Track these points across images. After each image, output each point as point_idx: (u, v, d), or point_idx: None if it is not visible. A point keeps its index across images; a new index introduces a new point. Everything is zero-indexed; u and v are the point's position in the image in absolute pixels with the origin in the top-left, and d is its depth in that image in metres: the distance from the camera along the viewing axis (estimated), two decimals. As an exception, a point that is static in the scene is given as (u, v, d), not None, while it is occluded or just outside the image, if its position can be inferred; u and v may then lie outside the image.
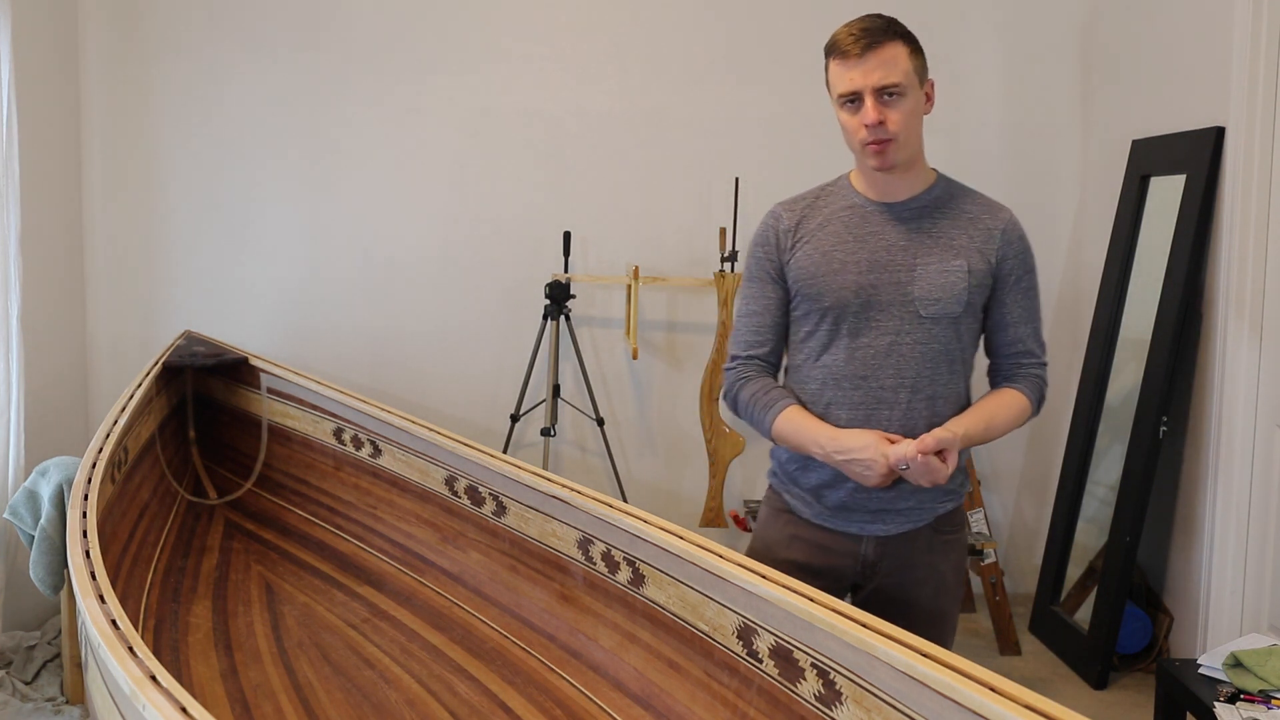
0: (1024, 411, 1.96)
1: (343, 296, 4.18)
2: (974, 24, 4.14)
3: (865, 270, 1.89)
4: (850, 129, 1.89)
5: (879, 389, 1.89)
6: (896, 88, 1.85)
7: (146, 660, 1.62)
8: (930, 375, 1.90)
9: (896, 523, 1.94)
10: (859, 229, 1.92)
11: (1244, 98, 3.12)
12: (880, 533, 1.94)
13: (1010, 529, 4.30)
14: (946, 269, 1.88)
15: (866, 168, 1.94)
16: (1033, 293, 1.99)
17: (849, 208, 1.95)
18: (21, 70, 3.50)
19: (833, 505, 1.95)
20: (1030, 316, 1.98)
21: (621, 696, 2.18)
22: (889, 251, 1.90)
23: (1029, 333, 1.98)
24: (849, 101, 1.87)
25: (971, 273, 1.90)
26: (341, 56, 4.10)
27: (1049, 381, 2.02)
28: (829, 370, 1.92)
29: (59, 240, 3.93)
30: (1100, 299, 3.87)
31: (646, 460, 4.24)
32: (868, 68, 1.84)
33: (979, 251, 1.91)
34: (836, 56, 1.88)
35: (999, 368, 2.02)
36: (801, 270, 1.93)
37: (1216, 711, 2.36)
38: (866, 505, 1.93)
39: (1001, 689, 1.40)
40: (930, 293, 1.88)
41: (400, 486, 3.00)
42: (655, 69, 4.13)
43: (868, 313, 1.89)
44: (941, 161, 4.25)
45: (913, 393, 1.89)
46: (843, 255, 1.91)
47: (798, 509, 2.00)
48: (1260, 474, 3.14)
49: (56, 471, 3.13)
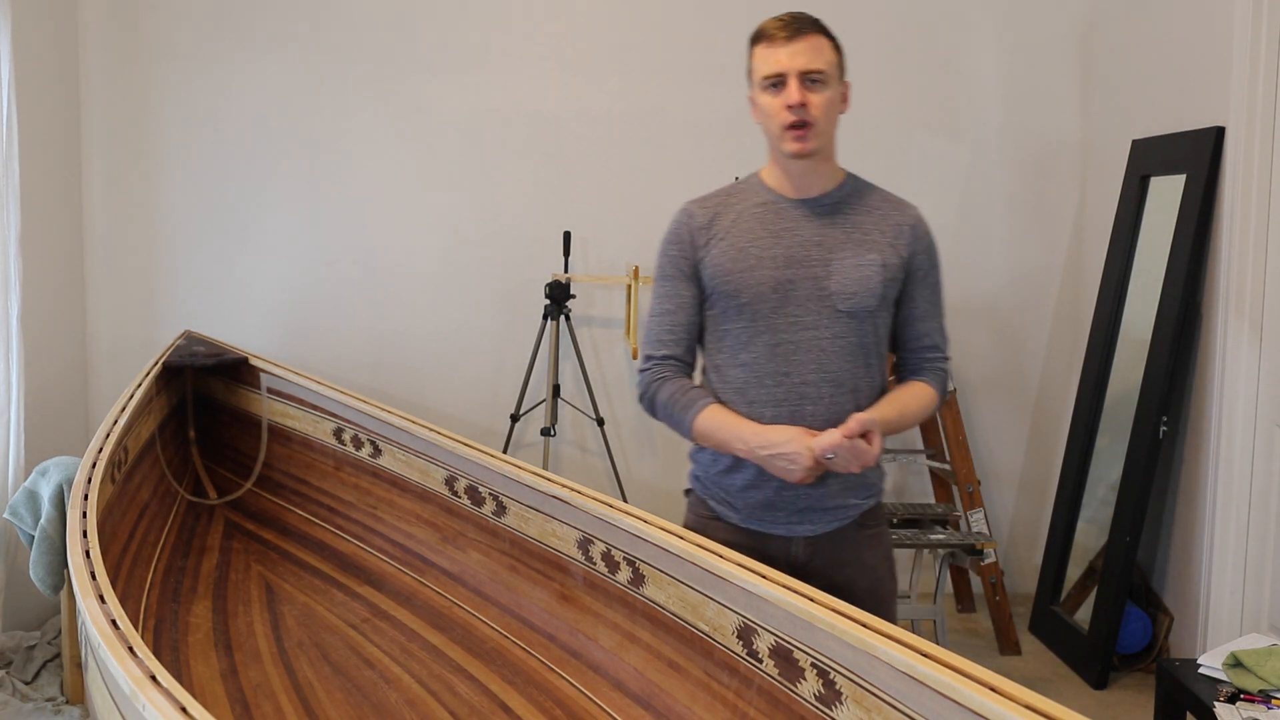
0: (932, 403, 2.01)
1: (343, 296, 4.18)
2: (974, 24, 4.14)
3: (781, 265, 1.91)
4: (771, 111, 1.90)
5: (801, 384, 1.90)
6: (820, 74, 1.88)
7: (146, 660, 1.62)
8: (850, 369, 1.92)
9: (823, 522, 1.95)
10: (773, 224, 1.94)
11: (1244, 98, 3.13)
12: (808, 533, 1.95)
13: (1010, 529, 4.30)
14: (861, 263, 1.91)
15: (782, 158, 1.94)
16: (938, 288, 2.04)
17: (762, 204, 1.96)
18: (21, 70, 3.51)
19: (759, 505, 1.95)
20: (936, 311, 2.03)
21: (621, 696, 2.18)
22: (804, 247, 1.92)
23: (935, 327, 2.03)
24: (772, 85, 1.89)
25: (885, 266, 1.92)
26: (342, 56, 4.10)
27: (951, 374, 2.08)
28: (750, 368, 1.92)
29: (59, 240, 3.93)
30: (1100, 299, 3.87)
31: (646, 460, 4.24)
32: (794, 50, 1.87)
33: (891, 246, 1.94)
34: (763, 42, 1.91)
35: (906, 361, 2.05)
36: (717, 267, 1.94)
37: (1216, 711, 2.36)
38: (793, 504, 1.93)
39: (1001, 689, 1.40)
40: (847, 287, 1.90)
41: (400, 486, 3.00)
42: (655, 69, 4.13)
43: (785, 308, 1.91)
44: (941, 162, 4.30)
45: (835, 387, 1.91)
46: (758, 251, 1.92)
47: (724, 514, 2.00)
48: (1260, 474, 3.14)
49: (56, 471, 3.13)
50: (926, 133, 4.16)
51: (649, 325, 2.04)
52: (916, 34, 4.14)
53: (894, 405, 1.94)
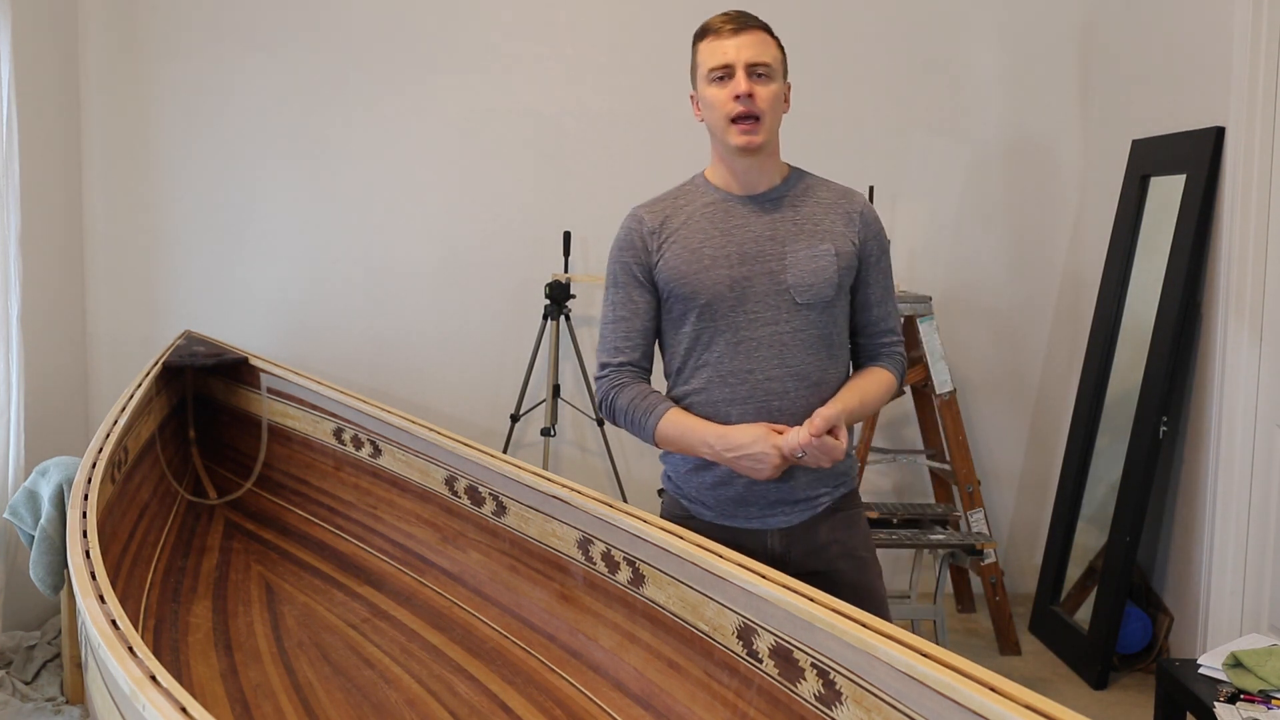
0: (891, 387, 2.02)
1: (343, 296, 4.18)
2: (974, 24, 4.14)
3: (736, 263, 1.91)
4: (718, 103, 1.91)
5: (765, 380, 1.90)
6: (766, 67, 1.89)
7: (146, 660, 1.62)
8: (813, 361, 1.92)
9: (796, 513, 1.96)
10: (724, 223, 1.94)
11: (1244, 98, 3.13)
12: (782, 524, 1.96)
13: (1010, 529, 4.30)
14: (815, 254, 1.91)
15: (728, 154, 1.95)
16: (889, 272, 2.04)
17: (710, 203, 1.97)
18: (21, 70, 3.51)
19: (731, 501, 1.95)
20: (889, 295, 2.04)
21: (621, 696, 2.18)
22: (757, 242, 1.92)
23: (889, 311, 2.04)
24: (719, 77, 1.90)
25: (839, 255, 1.93)
26: (342, 56, 4.10)
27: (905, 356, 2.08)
28: (713, 368, 1.92)
29: (59, 240, 3.93)
30: (1100, 299, 3.88)
31: (646, 460, 4.24)
32: (740, 43, 1.89)
33: (842, 234, 1.95)
34: (709, 37, 1.92)
35: (863, 347, 2.06)
36: (672, 270, 1.93)
37: (1216, 711, 2.36)
38: (764, 497, 1.94)
39: (1001, 689, 1.40)
40: (803, 279, 1.90)
41: (400, 486, 3.00)
42: (655, 69, 4.13)
43: (744, 305, 1.91)
44: (941, 162, 4.30)
45: (799, 380, 1.91)
46: (712, 250, 1.92)
47: (698, 512, 2.01)
48: (1260, 474, 3.14)
49: (56, 471, 3.13)
50: (926, 133, 4.16)
51: (604, 333, 2.02)
52: (916, 34, 4.14)
53: (855, 393, 1.94)
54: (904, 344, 2.08)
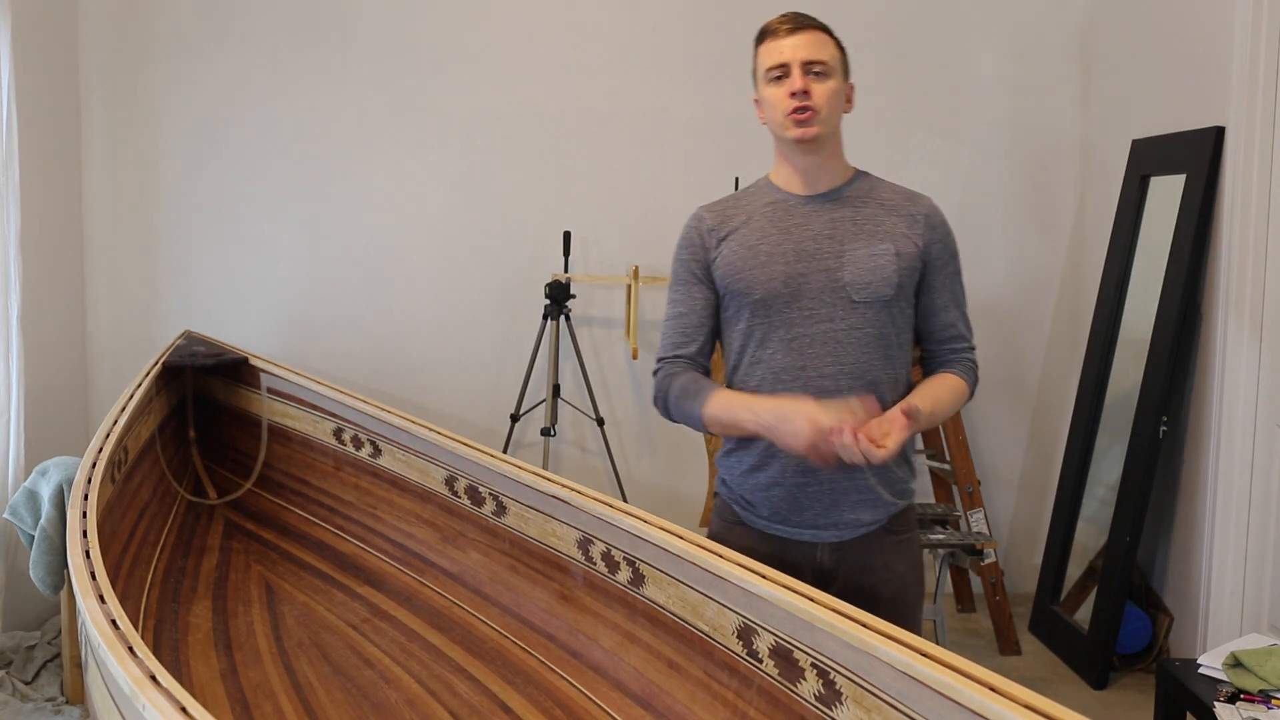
0: (963, 395, 1.98)
1: (343, 296, 4.18)
2: (974, 24, 4.14)
3: (793, 260, 1.90)
4: (775, 101, 1.90)
5: (819, 378, 1.88)
6: (824, 65, 1.89)
7: (146, 660, 1.62)
8: (869, 360, 1.90)
9: (850, 527, 1.92)
10: (783, 222, 1.94)
11: (1244, 98, 3.13)
12: (834, 539, 1.93)
13: (1010, 529, 4.30)
14: (874, 253, 1.90)
15: (789, 150, 1.94)
16: (958, 277, 2.01)
17: (771, 204, 1.97)
18: (21, 70, 3.51)
19: (785, 503, 1.92)
20: (958, 301, 2.00)
21: (621, 696, 2.18)
22: (815, 240, 1.91)
23: (958, 316, 2.00)
24: (776, 77, 1.90)
25: (900, 255, 1.91)
26: (342, 56, 4.10)
27: (978, 364, 2.04)
28: (767, 366, 1.91)
29: (59, 240, 3.93)
30: (1100, 299, 3.87)
31: (646, 460, 4.24)
32: (796, 42, 1.89)
33: (905, 236, 1.93)
34: (767, 39, 1.93)
35: (933, 354, 2.02)
36: (728, 266, 1.94)
37: (1216, 711, 2.36)
38: (819, 500, 1.90)
39: (1001, 689, 1.40)
40: (860, 277, 1.88)
41: (400, 486, 3.00)
42: (655, 69, 4.13)
43: (799, 301, 1.89)
44: (941, 162, 4.29)
45: (854, 379, 1.89)
46: (769, 248, 1.92)
47: (750, 520, 1.99)
48: (1260, 474, 3.14)
49: (56, 471, 3.13)
50: (926, 133, 4.16)
51: (663, 331, 2.03)
52: (916, 34, 4.14)
53: (926, 398, 1.89)
54: (974, 350, 2.02)
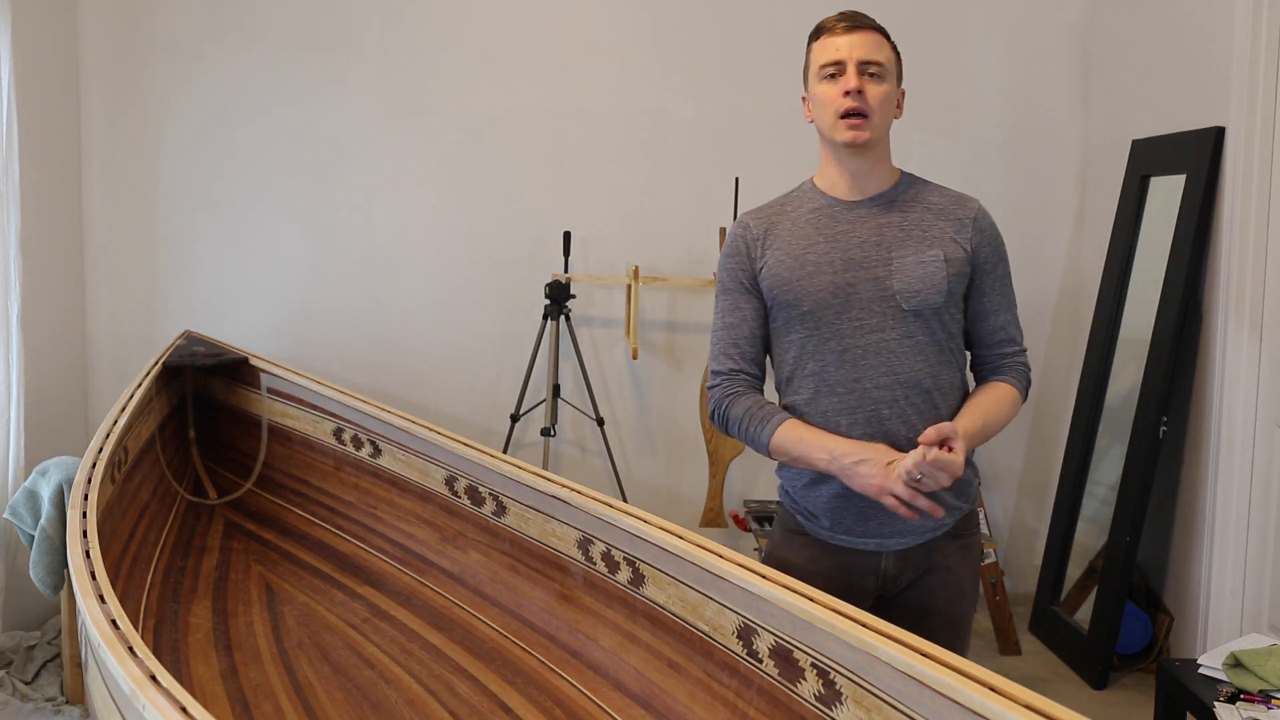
0: (1016, 403, 1.94)
1: (343, 296, 4.18)
2: (974, 24, 4.14)
3: (841, 269, 1.87)
4: (827, 100, 1.87)
5: (873, 389, 1.86)
6: (880, 66, 1.86)
7: (146, 660, 1.62)
8: (923, 369, 1.87)
9: (915, 534, 1.90)
10: (829, 229, 1.91)
11: (1244, 98, 3.12)
12: (899, 546, 1.90)
13: (1010, 529, 4.30)
14: (923, 259, 1.86)
15: (837, 153, 1.91)
16: (1007, 280, 1.98)
17: (816, 210, 1.93)
18: (21, 70, 3.51)
19: (851, 515, 1.89)
20: (1008, 304, 1.97)
21: (621, 696, 2.18)
22: (862, 248, 1.88)
23: (1009, 319, 1.97)
24: (830, 75, 1.87)
25: (949, 261, 1.87)
26: (342, 56, 4.10)
27: (1031, 367, 2.02)
28: (819, 377, 1.88)
29: (59, 240, 3.93)
30: (1100, 299, 3.87)
31: (646, 460, 4.24)
32: (854, 41, 1.86)
33: (953, 240, 1.89)
34: (823, 35, 1.90)
35: (983, 359, 1.99)
36: (775, 277, 1.91)
37: (1216, 711, 2.36)
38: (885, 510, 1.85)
39: (1001, 689, 1.40)
40: (910, 284, 1.85)
41: (400, 486, 3.00)
42: (655, 69, 4.13)
43: (849, 312, 1.87)
44: (942, 161, 4.29)
45: (909, 389, 1.86)
46: (815, 257, 1.89)
47: (813, 530, 1.95)
48: (1260, 474, 3.14)
49: (56, 471, 3.13)
50: (926, 133, 4.16)
51: (714, 339, 2.01)
52: (916, 34, 4.13)
53: (976, 413, 1.86)
54: (1026, 353, 1.99)
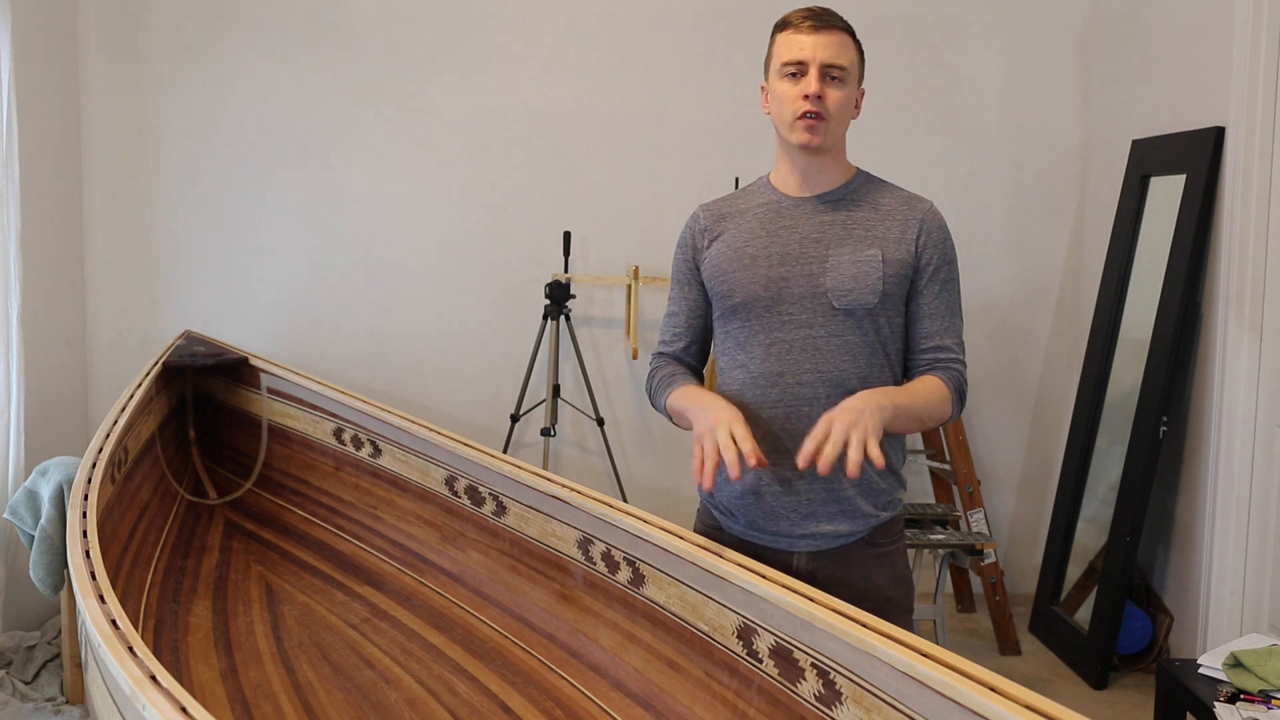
0: (944, 396, 1.84)
1: (343, 296, 4.18)
2: (974, 24, 4.14)
3: (776, 263, 1.87)
4: (787, 99, 1.85)
5: (796, 385, 1.85)
6: (842, 70, 1.84)
7: (146, 660, 1.62)
8: (849, 369, 1.84)
9: (827, 537, 1.88)
10: (772, 223, 1.91)
11: (1244, 98, 3.13)
12: (810, 547, 1.89)
13: (1010, 529, 4.30)
14: (859, 259, 1.84)
15: (790, 150, 1.91)
16: (951, 286, 1.92)
17: (765, 204, 1.94)
18: (21, 70, 3.51)
19: (761, 513, 1.89)
20: (946, 311, 1.90)
21: (621, 696, 2.18)
22: (801, 244, 1.88)
23: (945, 327, 1.89)
24: (791, 73, 1.85)
25: (886, 262, 1.85)
26: (342, 56, 4.10)
27: (968, 382, 1.95)
28: (747, 370, 1.90)
29: (59, 240, 3.93)
30: (1100, 299, 3.88)
31: (646, 460, 4.24)
32: (819, 41, 1.83)
33: (897, 241, 1.87)
34: (788, 29, 1.86)
35: (915, 363, 1.91)
36: (714, 268, 1.93)
37: (1216, 711, 2.36)
38: (797, 510, 1.86)
39: (1001, 689, 1.40)
40: (842, 283, 1.84)
41: (400, 486, 3.00)
42: (655, 69, 4.13)
43: (779, 306, 1.86)
44: (942, 161, 4.29)
45: (833, 387, 1.84)
46: (754, 250, 1.90)
47: (727, 525, 1.98)
48: (1260, 474, 3.14)
49: (56, 471, 3.13)
50: (926, 133, 4.16)
51: (661, 327, 2.07)
52: (916, 34, 4.14)
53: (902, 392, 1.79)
54: (963, 363, 1.90)
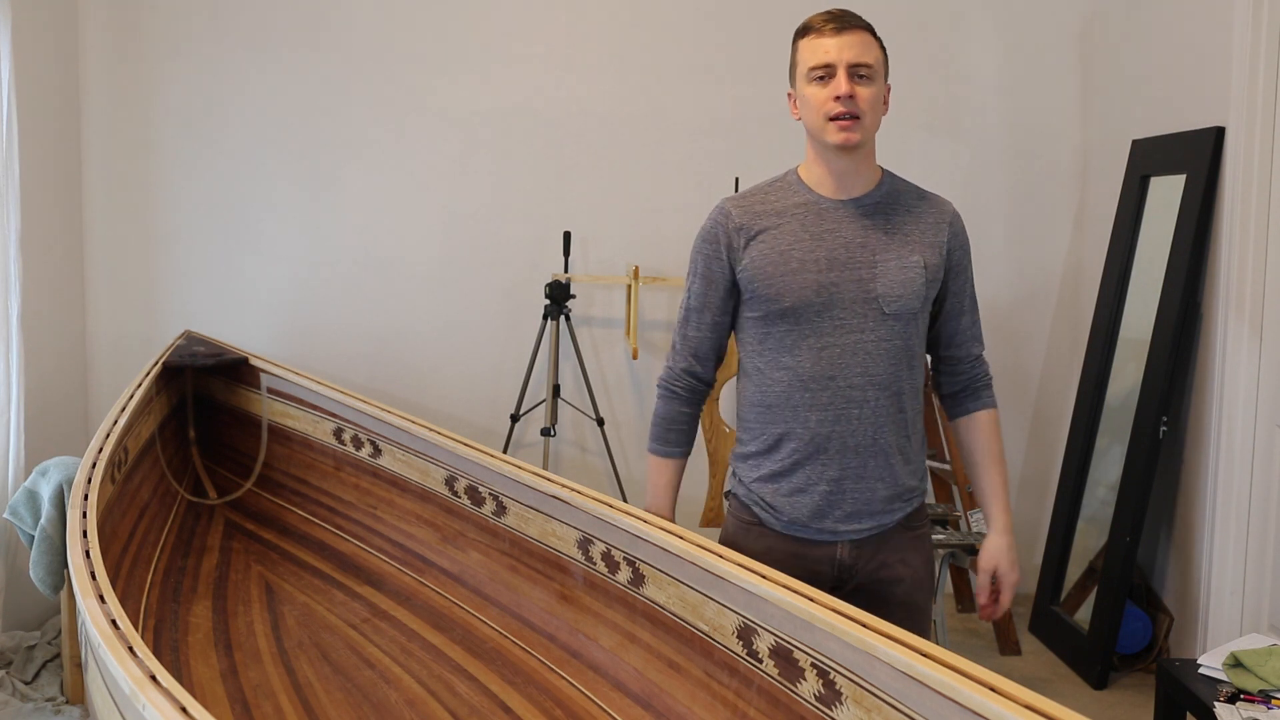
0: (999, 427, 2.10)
1: (343, 296, 4.18)
2: (974, 24, 4.14)
3: (825, 268, 1.88)
4: (817, 103, 1.87)
5: (847, 388, 1.89)
6: (869, 68, 1.87)
7: (146, 660, 1.62)
8: (895, 371, 1.91)
9: (868, 525, 1.94)
10: (815, 227, 1.91)
11: (1244, 98, 3.12)
12: (853, 536, 1.94)
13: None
14: (905, 265, 1.90)
15: (825, 153, 1.92)
16: (972, 281, 2.03)
17: (803, 204, 1.94)
18: (21, 70, 3.51)
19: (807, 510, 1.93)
20: (974, 306, 2.04)
21: (621, 696, 2.18)
22: (848, 249, 1.90)
23: (974, 321, 2.03)
24: (819, 77, 1.87)
25: (927, 267, 1.91)
26: (342, 56, 4.10)
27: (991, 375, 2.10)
28: (794, 373, 1.91)
29: (59, 240, 3.93)
30: (1100, 299, 3.87)
31: (646, 460, 4.23)
32: (843, 43, 1.86)
33: (931, 245, 1.93)
34: (810, 34, 1.89)
35: (953, 361, 2.04)
36: (757, 270, 1.91)
37: (1216, 711, 2.36)
38: (841, 508, 1.92)
39: (1001, 689, 1.40)
40: (893, 290, 1.88)
41: (400, 486, 3.00)
42: (655, 69, 4.13)
43: (830, 311, 1.89)
44: (942, 161, 4.29)
45: (880, 390, 1.90)
46: (801, 254, 1.89)
47: (768, 521, 1.98)
48: (1260, 474, 3.14)
49: (56, 471, 3.13)
50: (926, 133, 4.16)
51: (680, 319, 2.05)
52: (916, 34, 4.14)
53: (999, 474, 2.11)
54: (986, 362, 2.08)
